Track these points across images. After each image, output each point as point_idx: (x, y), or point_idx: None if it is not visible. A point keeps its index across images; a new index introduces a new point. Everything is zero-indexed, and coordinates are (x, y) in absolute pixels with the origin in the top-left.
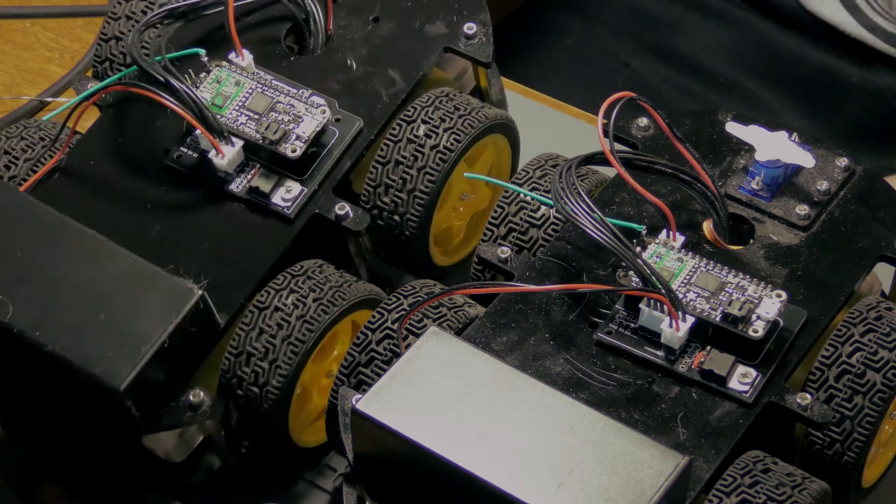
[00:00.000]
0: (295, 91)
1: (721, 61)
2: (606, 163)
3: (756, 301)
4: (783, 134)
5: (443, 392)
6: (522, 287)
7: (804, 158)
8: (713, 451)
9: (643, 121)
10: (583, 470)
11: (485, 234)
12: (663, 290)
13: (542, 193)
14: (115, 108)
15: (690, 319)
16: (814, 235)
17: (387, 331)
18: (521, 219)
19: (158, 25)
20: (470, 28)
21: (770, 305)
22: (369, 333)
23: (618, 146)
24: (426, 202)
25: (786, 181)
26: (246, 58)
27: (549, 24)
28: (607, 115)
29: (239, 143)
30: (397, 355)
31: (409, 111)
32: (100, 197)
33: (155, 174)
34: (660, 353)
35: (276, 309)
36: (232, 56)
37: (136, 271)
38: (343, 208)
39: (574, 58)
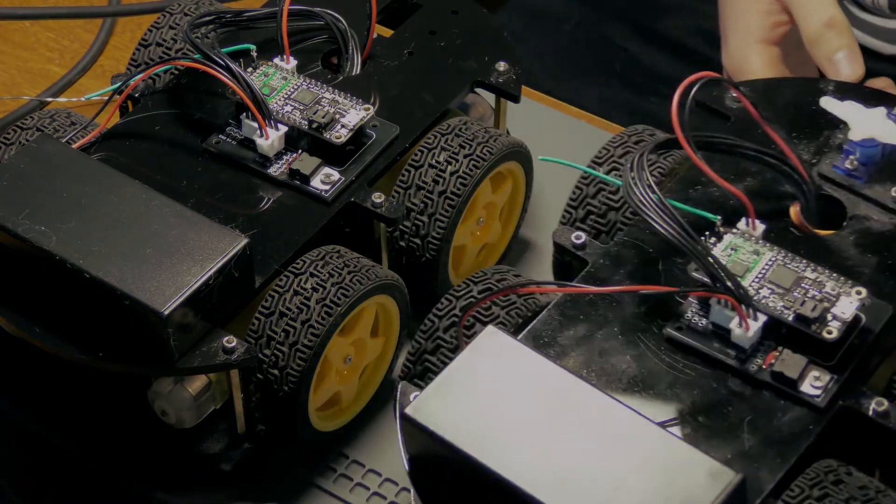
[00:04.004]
0: (339, 91)
1: (717, 46)
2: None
3: (833, 300)
4: (881, 110)
5: (495, 399)
6: (584, 288)
7: None
8: (779, 459)
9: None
10: (632, 487)
11: (563, 217)
12: (731, 288)
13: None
14: (151, 97)
15: (762, 318)
16: None
17: (453, 318)
18: (599, 201)
19: (204, 28)
20: (500, 66)
21: (847, 305)
22: (436, 320)
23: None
24: (446, 225)
25: (883, 160)
26: (291, 62)
27: (549, 8)
28: (683, 99)
29: (283, 129)
30: (457, 349)
31: (429, 139)
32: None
33: (192, 159)
34: (730, 353)
35: (312, 275)
36: (277, 60)
37: (184, 216)
38: (380, 197)
39: (572, 42)
